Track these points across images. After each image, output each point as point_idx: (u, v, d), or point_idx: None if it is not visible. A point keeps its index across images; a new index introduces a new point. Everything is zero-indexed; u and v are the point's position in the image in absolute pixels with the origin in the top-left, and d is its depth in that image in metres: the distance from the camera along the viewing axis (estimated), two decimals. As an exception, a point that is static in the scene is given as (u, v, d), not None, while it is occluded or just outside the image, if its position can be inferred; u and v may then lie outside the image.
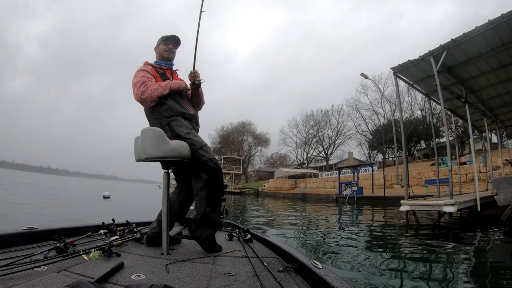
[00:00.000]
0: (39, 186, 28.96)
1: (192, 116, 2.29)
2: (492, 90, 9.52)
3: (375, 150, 48.99)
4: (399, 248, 5.19)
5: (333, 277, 1.31)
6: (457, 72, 8.42)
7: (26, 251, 1.70)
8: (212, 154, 2.09)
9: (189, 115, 2.25)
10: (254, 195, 36.09)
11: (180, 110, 2.18)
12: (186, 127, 2.12)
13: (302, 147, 54.99)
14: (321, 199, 23.06)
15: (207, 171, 2.01)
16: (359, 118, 46.72)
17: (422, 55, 7.68)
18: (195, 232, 2.05)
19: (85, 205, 13.27)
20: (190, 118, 2.25)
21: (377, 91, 42.16)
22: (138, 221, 2.90)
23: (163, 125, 2.07)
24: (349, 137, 49.15)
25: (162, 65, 2.34)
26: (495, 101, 10.33)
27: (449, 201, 6.21)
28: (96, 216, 8.84)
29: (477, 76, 8.74)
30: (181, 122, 2.13)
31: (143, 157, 1.91)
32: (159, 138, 1.88)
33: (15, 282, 1.22)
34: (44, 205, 11.11)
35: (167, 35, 2.37)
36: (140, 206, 15.13)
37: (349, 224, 8.94)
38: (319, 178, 35.95)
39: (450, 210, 6.17)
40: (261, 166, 63.78)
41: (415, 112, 42.80)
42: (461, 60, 7.98)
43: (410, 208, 6.75)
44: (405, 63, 8.02)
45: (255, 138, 58.53)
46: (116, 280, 1.35)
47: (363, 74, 24.20)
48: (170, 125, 2.08)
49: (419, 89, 9.31)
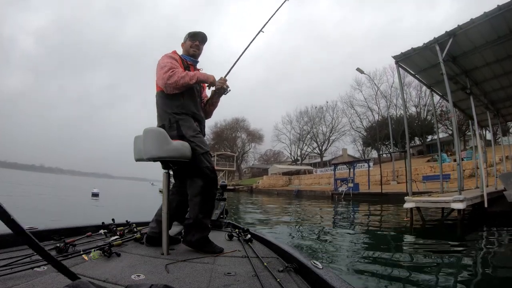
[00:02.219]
0: (22, 183, 28.06)
1: (202, 118, 2.30)
2: (496, 82, 9.14)
3: (369, 147, 49.01)
4: (402, 247, 4.87)
5: (333, 277, 1.30)
6: (461, 62, 8.00)
7: (26, 251, 1.63)
8: (212, 163, 2.10)
9: (200, 117, 2.24)
10: (248, 191, 35.76)
11: (193, 110, 2.18)
12: (194, 129, 2.11)
13: (296, 143, 54.85)
14: (316, 195, 22.69)
15: (203, 178, 2.03)
16: (354, 114, 46.69)
17: (426, 43, 7.21)
18: (186, 237, 2.05)
19: (67, 206, 12.48)
20: (200, 120, 2.25)
21: (372, 88, 42.13)
22: (138, 221, 2.90)
23: (172, 122, 2.06)
24: (344, 134, 49.15)
25: (187, 60, 2.31)
26: (498, 94, 9.97)
27: (458, 197, 5.79)
28: (78, 219, 8.27)
29: (481, 67, 8.34)
30: (190, 123, 2.12)
31: (145, 157, 1.92)
32: (161, 139, 1.87)
33: (15, 282, 1.23)
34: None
35: (194, 31, 2.36)
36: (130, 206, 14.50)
37: (348, 222, 8.60)
38: (314, 175, 35.78)
39: (459, 207, 5.75)
40: (255, 163, 63.51)
41: (409, 109, 42.77)
42: (466, 49, 7.56)
43: (415, 205, 6.31)
44: (408, 51, 7.56)
45: (249, 135, 58.15)
46: (116, 280, 1.35)
47: (358, 69, 23.84)
48: (179, 124, 2.07)
49: (421, 80, 8.88)
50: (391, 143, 25.70)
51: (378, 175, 23.18)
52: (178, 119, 2.07)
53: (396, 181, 21.83)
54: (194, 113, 2.18)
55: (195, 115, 2.18)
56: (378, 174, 23.27)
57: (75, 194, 20.29)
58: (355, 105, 45.82)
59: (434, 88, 9.22)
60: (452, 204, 5.89)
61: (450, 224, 6.52)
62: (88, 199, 15.47)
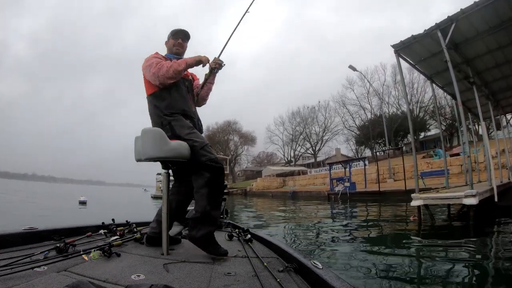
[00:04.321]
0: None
1: (195, 114, 2.28)
2: (497, 71, 8.81)
3: (362, 146, 48.96)
4: (406, 248, 4.53)
5: (333, 277, 1.29)
6: (463, 49, 7.63)
7: (26, 251, 1.67)
8: (214, 153, 2.04)
9: (191, 113, 2.23)
10: (242, 194, 35.15)
11: (182, 107, 2.16)
12: (188, 127, 2.08)
13: (289, 144, 54.51)
14: (312, 196, 22.18)
15: (209, 170, 1.97)
16: (346, 113, 46.60)
17: (427, 29, 6.80)
18: (190, 231, 1.96)
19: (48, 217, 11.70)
20: (192, 117, 2.23)
21: (364, 86, 42.14)
22: (138, 221, 2.89)
23: (164, 124, 2.04)
24: (337, 133, 48.99)
25: (171, 58, 2.26)
26: (498, 84, 9.65)
27: (471, 192, 5.35)
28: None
29: (483, 55, 7.99)
30: (182, 122, 2.09)
31: (143, 157, 1.93)
32: (159, 139, 1.88)
33: (15, 282, 1.22)
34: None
35: (176, 29, 2.34)
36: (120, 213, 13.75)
37: (348, 222, 8.17)
38: (308, 175, 35.35)
39: (471, 202, 5.31)
40: (248, 166, 62.96)
41: (402, 106, 42.81)
42: (468, 36, 7.18)
43: (423, 202, 5.83)
44: (408, 39, 7.12)
45: (241, 137, 57.56)
46: (116, 280, 1.34)
47: (351, 66, 23.52)
48: (171, 125, 2.05)
49: (421, 71, 8.48)
50: (386, 140, 25.41)
51: (374, 174, 22.86)
52: (170, 121, 2.05)
53: (393, 179, 21.49)
54: (184, 110, 2.15)
55: (185, 112, 2.15)
56: (374, 172, 22.95)
57: (61, 202, 19.40)
58: (347, 104, 45.79)
59: (435, 79, 8.83)
60: (463, 199, 5.46)
61: (460, 222, 6.09)
62: (75, 208, 14.66)
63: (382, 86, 41.74)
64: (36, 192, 31.30)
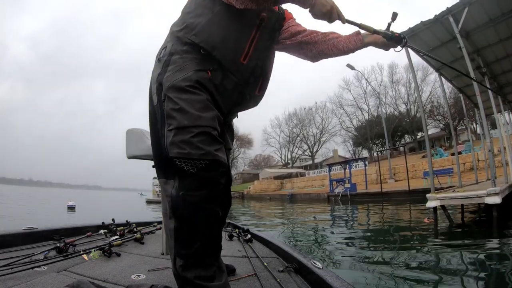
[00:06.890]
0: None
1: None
2: (507, 62, 8.34)
3: (359, 147, 48.63)
4: (422, 250, 4.21)
5: (333, 277, 1.26)
6: (474, 38, 7.14)
7: (26, 251, 1.66)
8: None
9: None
10: (239, 198, 34.47)
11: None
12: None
13: (286, 146, 54.05)
14: (312, 198, 21.60)
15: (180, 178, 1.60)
16: (343, 114, 46.32)
17: (437, 14, 6.31)
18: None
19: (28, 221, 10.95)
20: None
21: (360, 87, 41.92)
22: (138, 221, 2.88)
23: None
24: (334, 134, 48.66)
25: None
26: (506, 77, 9.18)
27: (493, 190, 4.79)
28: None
29: (494, 44, 7.51)
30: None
31: (127, 156, 1.98)
32: (137, 138, 1.92)
33: (15, 282, 1.22)
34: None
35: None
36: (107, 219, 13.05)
37: (349, 224, 7.86)
38: (306, 177, 34.84)
39: (495, 201, 4.75)
40: (245, 169, 62.30)
41: (399, 106, 42.57)
42: (480, 22, 6.70)
43: (440, 203, 5.27)
44: (417, 26, 6.61)
45: (237, 140, 56.97)
46: (116, 280, 1.33)
47: (349, 65, 23.07)
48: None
49: (430, 62, 7.97)
50: (386, 140, 24.97)
51: (374, 174, 22.41)
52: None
53: (394, 179, 21.00)
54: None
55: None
56: (374, 173, 22.50)
57: (49, 207, 18.63)
58: (344, 105, 45.52)
59: (443, 71, 8.32)
60: (486, 198, 4.90)
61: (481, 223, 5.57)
62: (62, 213, 13.91)
63: (379, 86, 41.52)
64: (31, 196, 30.53)
